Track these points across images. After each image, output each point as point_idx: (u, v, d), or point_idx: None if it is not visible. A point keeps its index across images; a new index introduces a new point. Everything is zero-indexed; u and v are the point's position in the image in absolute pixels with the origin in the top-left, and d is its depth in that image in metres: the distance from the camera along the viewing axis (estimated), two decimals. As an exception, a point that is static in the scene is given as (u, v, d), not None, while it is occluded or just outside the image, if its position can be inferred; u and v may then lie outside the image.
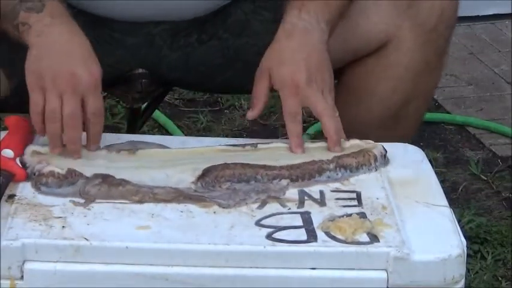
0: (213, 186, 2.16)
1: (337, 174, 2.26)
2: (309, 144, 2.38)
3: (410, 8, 2.52)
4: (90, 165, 2.20)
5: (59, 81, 2.15)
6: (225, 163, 2.22)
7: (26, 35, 2.24)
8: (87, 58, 2.21)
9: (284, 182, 2.20)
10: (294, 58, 2.31)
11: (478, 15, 4.64)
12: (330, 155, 2.29)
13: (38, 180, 2.14)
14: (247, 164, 2.22)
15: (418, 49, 2.55)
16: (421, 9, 2.53)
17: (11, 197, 2.11)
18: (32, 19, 2.24)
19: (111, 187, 2.12)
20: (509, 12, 4.73)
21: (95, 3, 2.58)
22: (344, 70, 2.63)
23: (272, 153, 2.33)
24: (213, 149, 2.32)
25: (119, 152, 2.27)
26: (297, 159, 2.28)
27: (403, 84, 2.56)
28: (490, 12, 4.68)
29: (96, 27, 2.54)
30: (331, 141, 2.26)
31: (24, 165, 2.20)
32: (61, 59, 2.18)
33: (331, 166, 2.26)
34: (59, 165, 2.18)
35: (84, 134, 2.27)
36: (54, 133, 2.16)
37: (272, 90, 2.35)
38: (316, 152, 2.32)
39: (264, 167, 2.22)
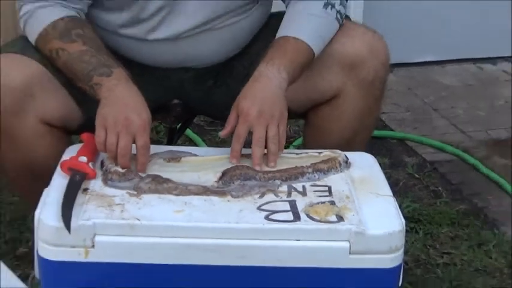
0: (228, 182, 2.26)
1: (314, 175, 2.33)
2: (295, 156, 2.44)
3: (353, 69, 2.54)
4: (148, 167, 2.31)
5: (117, 124, 2.24)
6: (236, 166, 2.31)
7: (99, 91, 2.33)
8: (139, 107, 2.30)
9: (277, 181, 2.29)
10: (254, 96, 2.36)
11: (415, 62, 4.63)
12: (308, 163, 2.36)
13: (106, 176, 2.23)
14: (251, 167, 2.31)
15: (360, 99, 2.58)
16: (361, 71, 2.53)
17: (85, 190, 2.19)
18: (103, 81, 2.33)
19: (157, 184, 2.22)
20: (436, 59, 4.69)
21: (145, 55, 2.65)
22: (309, 113, 2.68)
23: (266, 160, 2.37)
24: (227, 156, 2.37)
25: (169, 160, 2.35)
26: (286, 166, 2.35)
27: (351, 124, 2.61)
28: (423, 60, 4.67)
29: (145, 73, 2.60)
30: (255, 163, 2.31)
31: (102, 164, 2.29)
32: (121, 108, 2.27)
33: (310, 170, 2.34)
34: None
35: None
36: (112, 158, 2.25)
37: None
38: (299, 160, 2.38)
39: (263, 171, 2.31)
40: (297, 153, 2.47)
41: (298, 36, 2.48)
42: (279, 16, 2.63)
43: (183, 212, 2.13)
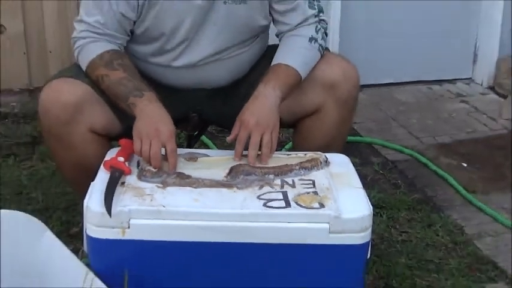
0: (234, 177, 2.25)
1: (300, 171, 2.31)
2: (286, 156, 2.43)
3: (331, 90, 2.53)
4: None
5: (149, 135, 2.26)
6: (240, 164, 2.31)
7: (134, 109, 2.35)
8: (165, 121, 2.32)
9: (272, 176, 2.27)
10: (253, 110, 2.38)
11: (380, 83, 4.61)
12: (296, 162, 2.34)
13: (141, 173, 2.23)
14: (251, 165, 2.31)
15: (337, 113, 2.57)
16: (337, 91, 2.53)
17: (122, 183, 2.20)
18: (137, 101, 2.35)
19: (181, 179, 2.23)
20: (396, 82, 4.67)
21: (169, 78, 2.64)
22: (297, 123, 2.65)
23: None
24: (233, 156, 2.37)
25: (188, 159, 2.35)
26: (279, 164, 2.34)
27: (330, 132, 2.58)
28: (386, 82, 4.65)
29: (169, 93, 2.57)
30: (249, 162, 2.31)
31: (138, 164, 2.29)
32: (151, 123, 2.29)
33: (297, 167, 2.32)
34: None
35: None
36: (147, 161, 2.25)
37: None
38: (288, 160, 2.37)
39: (260, 167, 2.31)
40: (287, 154, 2.47)
41: (289, 64, 2.49)
42: (273, 48, 2.63)
43: (199, 201, 2.13)
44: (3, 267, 2.04)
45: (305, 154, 2.42)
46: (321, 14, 2.63)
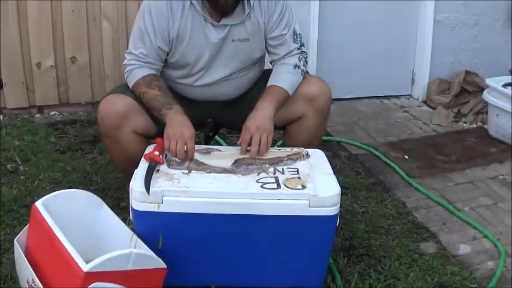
0: (238, 166, 2.24)
1: (288, 162, 2.31)
2: (277, 150, 2.40)
3: (311, 101, 2.52)
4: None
5: (176, 136, 2.27)
6: (243, 157, 2.30)
7: (165, 118, 2.35)
8: (188, 127, 2.31)
9: (267, 165, 2.26)
10: (254, 119, 2.37)
11: (346, 97, 4.56)
12: (285, 154, 2.34)
13: (169, 163, 2.24)
14: (251, 158, 2.30)
15: (316, 119, 2.55)
16: (315, 103, 2.52)
17: (157, 170, 2.20)
18: (167, 112, 2.36)
19: (198, 165, 2.23)
20: (357, 96, 4.64)
21: (192, 94, 2.62)
22: (286, 127, 2.62)
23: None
24: (238, 151, 2.35)
25: (205, 152, 2.34)
26: (271, 156, 2.33)
27: (310, 133, 2.56)
28: (350, 96, 4.61)
29: (191, 104, 2.57)
30: (251, 156, 2.31)
31: (166, 156, 2.27)
32: (177, 128, 2.30)
33: (286, 159, 2.32)
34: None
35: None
36: (173, 155, 2.25)
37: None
38: (279, 153, 2.35)
39: (258, 159, 2.30)
40: (278, 149, 2.43)
41: (279, 85, 2.50)
42: (268, 72, 2.62)
43: (213, 183, 2.13)
44: (73, 231, 2.02)
45: (292, 149, 2.40)
46: (302, 47, 2.63)
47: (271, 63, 2.66)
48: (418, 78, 4.72)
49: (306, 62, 2.62)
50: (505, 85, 3.91)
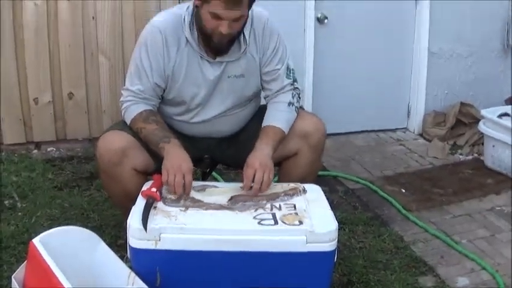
0: (234, 203, 2.24)
1: (284, 198, 2.30)
2: (273, 185, 2.39)
3: (306, 138, 2.53)
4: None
5: (174, 169, 2.27)
6: (238, 194, 2.30)
7: (163, 152, 2.35)
8: (186, 160, 2.32)
9: (264, 201, 2.26)
10: (255, 157, 2.37)
11: (342, 132, 4.58)
12: (281, 190, 2.34)
13: (165, 200, 2.23)
14: (246, 195, 2.30)
15: (310, 155, 2.55)
16: (310, 139, 2.53)
17: (155, 207, 2.19)
18: (165, 146, 2.36)
19: (194, 203, 2.22)
20: (353, 131, 4.65)
21: (188, 130, 2.63)
22: (281, 163, 2.61)
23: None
24: (234, 188, 2.36)
25: (199, 190, 2.33)
26: (269, 192, 2.33)
27: (305, 169, 2.55)
28: (346, 131, 4.62)
29: (189, 140, 2.57)
30: (254, 194, 2.30)
31: (161, 193, 2.25)
32: (176, 161, 2.29)
33: (282, 194, 2.32)
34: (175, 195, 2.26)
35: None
36: (172, 189, 2.24)
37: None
38: (276, 189, 2.36)
39: (255, 196, 2.30)
40: (275, 185, 2.42)
41: (275, 125, 2.50)
42: (264, 107, 2.64)
43: (209, 220, 2.13)
44: (71, 268, 2.01)
45: (288, 185, 2.40)
46: (295, 83, 2.63)
47: (265, 98, 2.67)
48: (413, 111, 4.75)
49: (299, 98, 2.63)
50: (501, 115, 3.94)
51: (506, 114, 3.93)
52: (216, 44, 2.39)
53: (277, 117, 2.53)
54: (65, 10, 3.87)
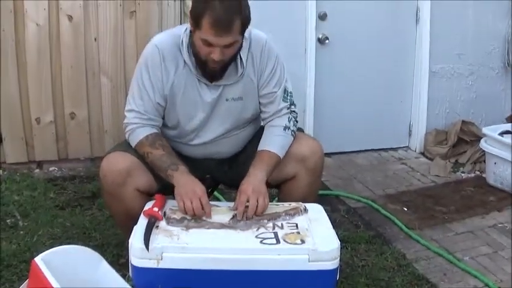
0: (236, 222, 2.25)
1: (287, 217, 2.31)
2: (275, 205, 2.41)
3: (303, 162, 2.53)
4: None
5: (189, 195, 2.28)
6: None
7: (172, 179, 2.38)
8: (198, 184, 2.35)
9: (265, 221, 2.27)
10: (248, 182, 2.37)
11: (344, 151, 4.59)
12: (282, 210, 2.34)
13: (168, 220, 2.23)
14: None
15: (308, 178, 2.55)
16: (307, 163, 2.52)
17: (157, 227, 2.20)
18: (173, 173, 2.38)
19: (197, 223, 2.23)
20: (355, 150, 4.67)
21: (189, 152, 2.63)
22: (280, 185, 2.61)
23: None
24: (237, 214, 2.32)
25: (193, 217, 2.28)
26: (269, 211, 2.33)
27: (303, 192, 2.54)
28: (348, 150, 4.63)
29: (190, 161, 2.55)
30: (248, 218, 2.28)
31: (164, 213, 2.27)
32: (188, 187, 2.31)
33: (284, 214, 2.32)
34: (179, 215, 2.26)
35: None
36: (191, 213, 2.25)
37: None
38: (277, 209, 2.36)
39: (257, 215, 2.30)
40: (276, 204, 2.43)
41: (270, 150, 2.50)
42: (261, 130, 2.64)
43: (212, 239, 2.14)
44: (71, 287, 2.01)
45: (289, 204, 2.41)
46: (292, 107, 2.63)
47: (262, 121, 2.68)
48: (415, 130, 4.76)
49: (296, 121, 2.62)
50: (502, 133, 3.96)
51: (507, 132, 3.95)
52: (210, 69, 2.40)
53: (272, 141, 2.53)
54: (67, 31, 3.90)
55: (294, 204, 2.40)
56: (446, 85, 4.72)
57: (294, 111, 2.63)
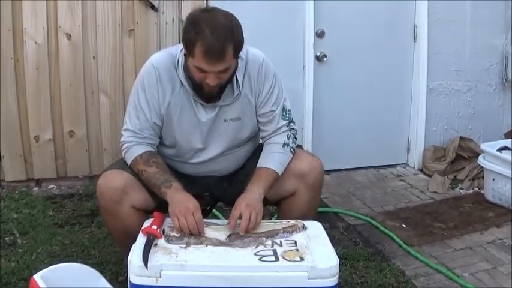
0: (233, 240, 2.24)
1: (285, 235, 2.30)
2: (273, 223, 2.41)
3: (302, 178, 2.53)
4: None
5: (182, 212, 2.27)
6: (237, 233, 2.28)
7: (165, 197, 2.37)
8: (191, 200, 2.33)
9: (264, 238, 2.26)
10: (243, 198, 2.37)
11: (343, 168, 4.60)
12: (281, 227, 2.33)
13: (168, 238, 2.23)
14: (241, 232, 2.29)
15: (308, 194, 2.55)
16: (306, 179, 2.53)
17: (155, 244, 2.19)
18: (167, 191, 2.38)
19: (196, 239, 2.22)
20: (353, 167, 4.68)
21: (187, 170, 2.64)
22: (280, 202, 2.62)
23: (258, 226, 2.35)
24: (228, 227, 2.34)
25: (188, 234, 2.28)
26: (267, 229, 2.33)
27: (303, 208, 2.55)
28: (346, 167, 4.64)
29: (188, 179, 2.57)
30: (241, 230, 2.27)
31: (163, 231, 2.26)
32: (181, 204, 2.30)
33: (281, 231, 2.31)
34: (178, 232, 2.25)
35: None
36: (187, 231, 2.23)
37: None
38: (275, 226, 2.35)
39: (253, 232, 2.29)
40: (274, 222, 2.43)
41: (268, 167, 2.50)
42: (261, 147, 2.65)
43: (211, 257, 2.13)
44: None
45: (288, 221, 2.40)
46: (291, 124, 2.64)
47: (261, 139, 2.68)
48: (413, 147, 4.78)
49: (296, 139, 2.62)
50: (500, 149, 3.97)
51: (506, 148, 3.96)
52: (206, 92, 2.41)
53: (271, 158, 2.53)
54: (66, 49, 3.93)
55: (292, 221, 2.39)
56: (444, 101, 4.74)
57: (293, 128, 2.63)
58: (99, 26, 3.96)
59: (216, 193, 2.74)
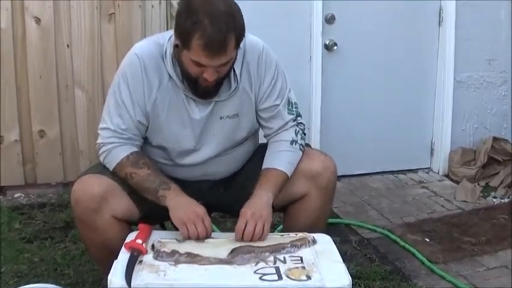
0: (234, 256, 2.23)
1: (291, 249, 2.29)
2: (278, 236, 2.41)
3: (314, 179, 2.55)
4: (184, 247, 2.25)
5: (191, 218, 2.32)
6: (240, 246, 2.29)
7: (164, 201, 2.39)
8: (197, 204, 2.39)
9: (266, 253, 2.26)
10: (250, 205, 2.39)
11: (355, 174, 4.61)
12: (288, 241, 2.33)
13: (158, 254, 2.22)
14: (249, 245, 2.29)
15: (319, 198, 2.57)
16: (318, 180, 2.55)
17: (140, 261, 2.18)
18: (167, 194, 2.40)
19: (191, 258, 2.21)
20: (368, 172, 4.69)
21: (178, 173, 2.62)
22: (287, 208, 2.63)
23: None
24: (232, 238, 2.36)
25: (198, 241, 2.33)
26: (272, 242, 2.32)
27: (314, 214, 2.57)
28: (359, 172, 4.66)
29: (182, 186, 2.49)
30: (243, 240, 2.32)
31: (153, 246, 2.26)
32: (188, 209, 2.35)
33: (289, 246, 2.31)
34: (169, 248, 2.24)
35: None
36: (196, 238, 2.28)
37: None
38: (281, 239, 2.35)
39: (257, 247, 2.28)
40: (281, 235, 2.43)
41: (276, 167, 2.52)
42: (263, 146, 2.66)
43: (204, 276, 2.12)
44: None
45: (296, 234, 2.40)
46: (298, 118, 2.66)
47: (265, 137, 2.69)
48: (437, 149, 4.79)
49: (304, 134, 2.65)
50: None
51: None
52: (202, 88, 2.41)
53: (279, 158, 2.55)
54: (35, 35, 3.93)
55: (301, 234, 2.40)
56: (474, 96, 4.75)
57: (301, 122, 2.65)
58: (74, 8, 3.96)
59: (211, 201, 2.69)
